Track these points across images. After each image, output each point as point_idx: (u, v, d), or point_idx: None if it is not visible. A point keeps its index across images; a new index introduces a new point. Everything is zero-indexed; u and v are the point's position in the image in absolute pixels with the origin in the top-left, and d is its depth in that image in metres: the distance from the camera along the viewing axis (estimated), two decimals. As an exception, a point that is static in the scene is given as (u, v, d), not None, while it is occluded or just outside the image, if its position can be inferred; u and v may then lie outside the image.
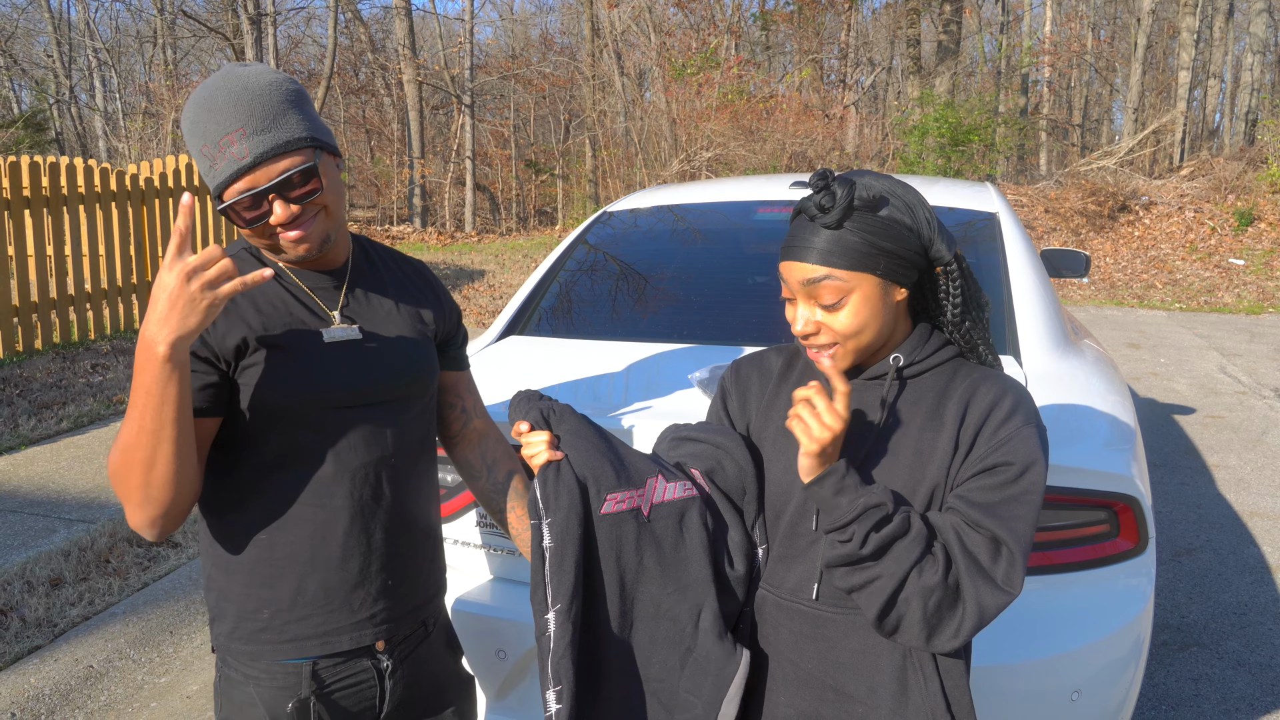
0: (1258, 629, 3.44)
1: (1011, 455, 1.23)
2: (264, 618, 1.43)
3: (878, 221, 1.25)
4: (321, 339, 1.42)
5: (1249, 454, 5.54)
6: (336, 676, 1.48)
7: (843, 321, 1.27)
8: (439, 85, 23.32)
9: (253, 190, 1.31)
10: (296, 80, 1.44)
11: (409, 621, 1.56)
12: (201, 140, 1.32)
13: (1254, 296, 11.46)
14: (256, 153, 1.31)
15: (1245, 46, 22.49)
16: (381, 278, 1.56)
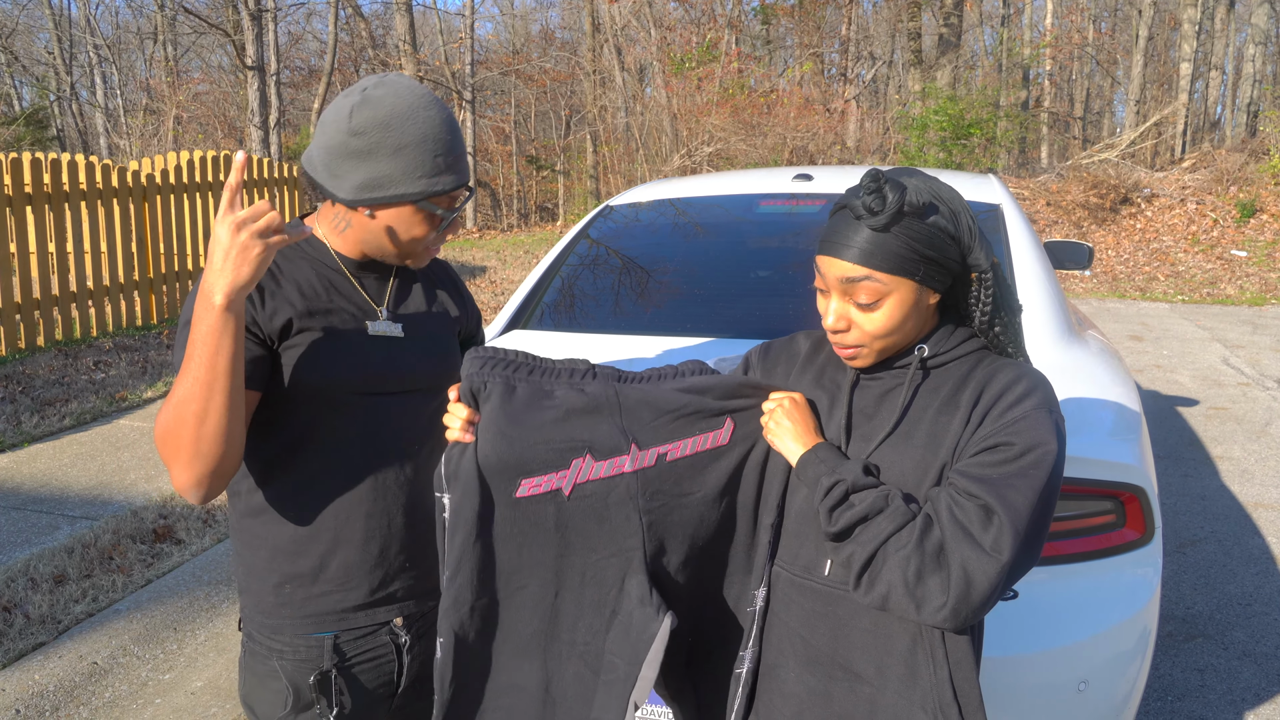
0: (1263, 619, 3.43)
1: (1015, 436, 1.23)
2: (286, 592, 1.50)
3: (923, 228, 1.25)
4: (366, 330, 1.51)
5: (1253, 445, 5.53)
6: (357, 650, 1.54)
7: (876, 322, 1.28)
8: (440, 81, 23.28)
9: (457, 206, 1.52)
10: None
11: (427, 600, 1.62)
12: (441, 148, 1.45)
13: (1256, 288, 11.44)
14: (468, 175, 1.52)
15: (1247, 38, 22.43)
16: (416, 275, 1.65)
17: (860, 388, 1.38)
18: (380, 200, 1.45)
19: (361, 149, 1.43)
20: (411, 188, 1.45)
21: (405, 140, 1.43)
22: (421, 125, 1.44)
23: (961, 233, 1.28)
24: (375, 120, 1.42)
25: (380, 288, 1.58)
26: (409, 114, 1.44)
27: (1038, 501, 1.19)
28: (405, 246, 1.50)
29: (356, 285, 1.54)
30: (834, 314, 1.30)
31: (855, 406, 1.37)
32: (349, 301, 1.52)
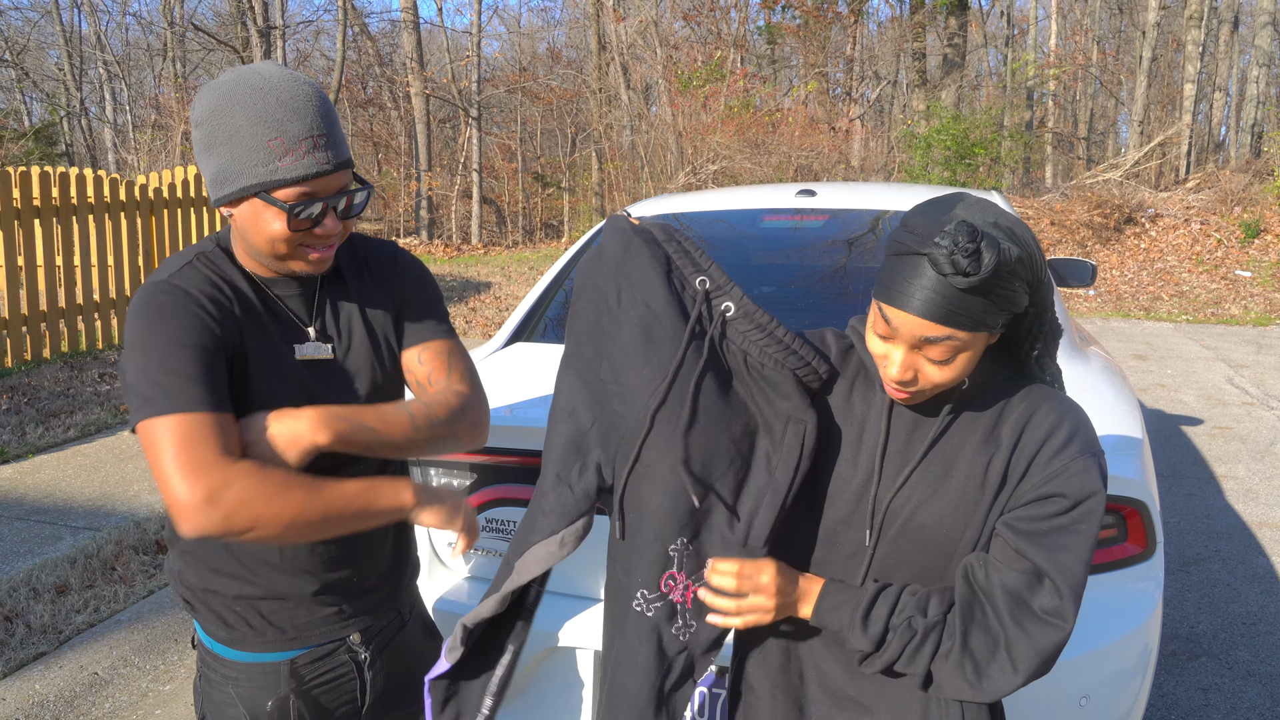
0: (1267, 639, 3.42)
1: (1065, 487, 1.19)
2: (235, 614, 1.44)
3: (1009, 285, 1.15)
4: (293, 353, 1.41)
5: (1257, 464, 5.52)
6: (315, 672, 1.48)
7: (945, 375, 1.19)
8: (446, 98, 23.42)
9: (317, 198, 1.32)
10: None
11: (383, 613, 1.57)
12: (274, 133, 1.28)
13: (1261, 308, 11.42)
14: (335, 161, 1.33)
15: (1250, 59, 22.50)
16: (346, 281, 1.51)
17: (898, 413, 1.30)
18: (227, 196, 1.32)
19: (203, 141, 1.32)
20: (249, 179, 1.30)
21: (237, 125, 1.28)
22: (255, 106, 1.28)
23: (1037, 275, 1.18)
24: (210, 107, 1.30)
25: (305, 297, 1.45)
26: (244, 95, 1.29)
27: (1089, 553, 1.18)
28: (274, 249, 1.35)
29: (281, 304, 1.43)
30: (901, 365, 1.20)
31: (890, 437, 1.29)
32: (276, 322, 1.41)
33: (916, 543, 1.26)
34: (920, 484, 1.26)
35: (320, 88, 1.36)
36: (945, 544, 1.25)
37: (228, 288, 1.37)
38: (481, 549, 2.19)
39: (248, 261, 1.42)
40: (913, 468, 1.26)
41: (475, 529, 1.48)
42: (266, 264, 1.39)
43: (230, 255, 1.42)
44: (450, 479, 2.18)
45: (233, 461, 1.26)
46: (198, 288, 1.33)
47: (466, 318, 10.22)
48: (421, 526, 1.87)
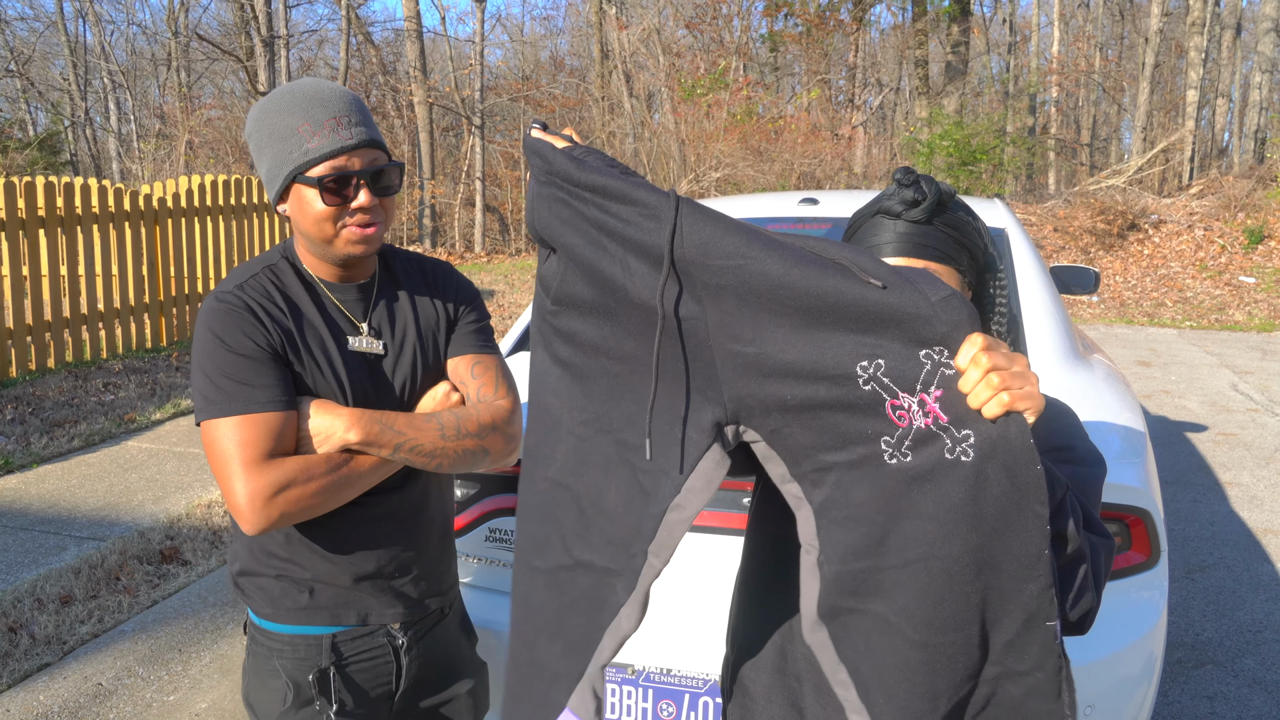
0: (1273, 647, 3.40)
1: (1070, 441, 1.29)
2: (282, 589, 1.55)
3: (957, 218, 1.28)
4: (346, 345, 1.53)
5: (1262, 471, 5.50)
6: (355, 650, 1.57)
7: None
8: (449, 107, 23.47)
9: (347, 171, 1.42)
10: None
11: (423, 605, 1.65)
12: (301, 119, 1.41)
13: (1265, 314, 11.40)
14: (360, 138, 1.43)
15: (1253, 65, 22.50)
16: (401, 287, 1.63)
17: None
18: (277, 194, 1.46)
19: (255, 151, 1.47)
20: (286, 166, 1.43)
21: (277, 124, 1.43)
22: (287, 102, 1.43)
23: (981, 226, 1.31)
24: (254, 118, 1.46)
25: (362, 303, 1.57)
26: (278, 98, 1.44)
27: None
28: (320, 231, 1.46)
29: (336, 303, 1.55)
30: None
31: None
32: (330, 320, 1.53)
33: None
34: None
35: (345, 86, 1.47)
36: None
37: (284, 299, 1.49)
38: (484, 558, 2.19)
39: (311, 263, 1.54)
40: None
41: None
42: (321, 254, 1.50)
43: (294, 264, 1.55)
44: (456, 488, 2.18)
45: (282, 461, 1.40)
46: (256, 299, 1.46)
47: (470, 326, 10.23)
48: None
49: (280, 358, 1.45)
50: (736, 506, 1.95)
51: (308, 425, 1.44)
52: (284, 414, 1.42)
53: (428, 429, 1.51)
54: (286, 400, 1.43)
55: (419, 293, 1.64)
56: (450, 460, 1.53)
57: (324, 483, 1.42)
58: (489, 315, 1.73)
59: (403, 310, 1.61)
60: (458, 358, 1.64)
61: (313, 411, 1.45)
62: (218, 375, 1.42)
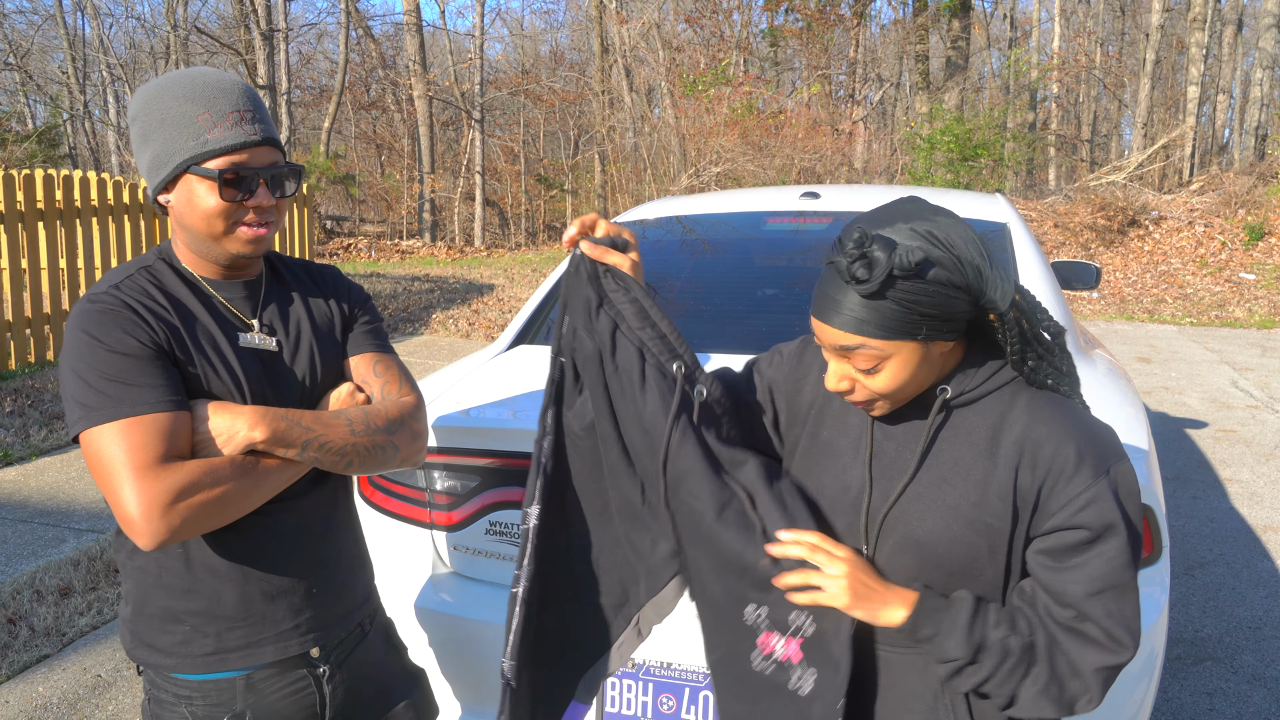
0: (1272, 643, 3.40)
1: (1084, 518, 1.15)
2: (185, 631, 1.42)
3: (920, 288, 1.10)
4: (238, 343, 1.44)
5: (1262, 468, 5.50)
6: (273, 687, 1.47)
7: (880, 383, 1.18)
8: (449, 101, 23.44)
9: (249, 167, 1.36)
10: None
11: (341, 627, 1.56)
12: (201, 108, 1.34)
13: (1265, 311, 11.40)
14: (263, 135, 1.37)
15: (1254, 61, 22.47)
16: (290, 286, 1.56)
17: (879, 427, 1.29)
18: (163, 181, 1.36)
19: (139, 134, 1.37)
20: (180, 155, 1.34)
21: (167, 109, 1.34)
22: (184, 89, 1.35)
23: (968, 281, 1.12)
24: (141, 100, 1.37)
25: (250, 300, 1.49)
26: (172, 83, 1.35)
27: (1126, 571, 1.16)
28: (210, 227, 1.37)
29: (223, 300, 1.46)
30: (834, 375, 1.20)
31: (876, 449, 1.28)
32: (218, 316, 1.43)
33: (916, 558, 1.23)
34: (917, 497, 1.23)
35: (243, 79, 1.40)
36: (949, 562, 1.21)
37: (166, 297, 1.39)
38: (482, 551, 2.18)
39: (190, 260, 1.44)
40: (907, 480, 1.24)
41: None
42: (206, 252, 1.41)
43: (172, 264, 1.45)
44: (454, 482, 2.18)
45: (180, 464, 1.28)
46: (134, 297, 1.36)
47: (469, 320, 10.22)
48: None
49: (166, 356, 1.34)
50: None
51: (206, 427, 1.33)
52: (176, 414, 1.30)
53: (337, 425, 1.43)
54: (178, 400, 1.32)
55: (309, 292, 1.57)
56: (361, 458, 1.45)
57: (230, 487, 1.31)
58: (382, 318, 1.67)
59: (294, 308, 1.53)
60: (358, 356, 1.58)
61: (212, 412, 1.34)
62: (95, 378, 1.29)
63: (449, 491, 2.19)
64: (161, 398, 1.30)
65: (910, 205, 1.16)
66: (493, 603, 2.13)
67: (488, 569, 2.19)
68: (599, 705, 2.02)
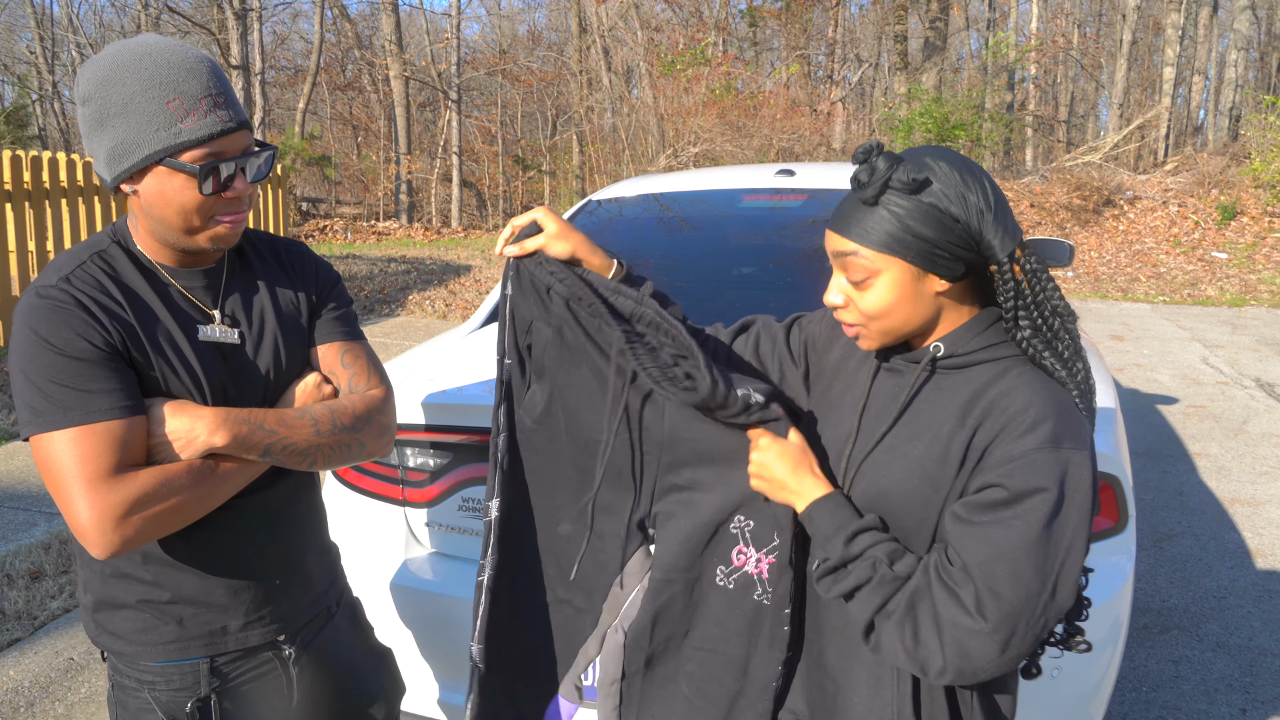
0: (1237, 612, 3.46)
1: (1008, 479, 1.11)
2: (146, 619, 1.39)
3: (915, 204, 1.15)
4: (197, 336, 1.37)
5: (1230, 442, 5.58)
6: (238, 671, 1.45)
7: (867, 302, 1.20)
8: (426, 81, 23.24)
9: (226, 158, 1.29)
10: None
11: (307, 613, 1.54)
12: (171, 94, 1.24)
13: (1236, 289, 11.53)
14: (238, 120, 1.29)
15: (1229, 43, 22.62)
16: (254, 271, 1.48)
17: (880, 380, 1.31)
18: (127, 171, 1.27)
19: (94, 118, 1.27)
20: (150, 146, 1.25)
21: (130, 92, 1.24)
22: (147, 71, 1.24)
23: (969, 215, 1.15)
24: (95, 79, 1.25)
25: (210, 289, 1.41)
26: (132, 63, 1.25)
27: (1026, 555, 1.08)
28: (186, 221, 1.30)
29: (181, 290, 1.38)
30: (834, 288, 1.24)
31: (870, 401, 1.30)
32: (176, 309, 1.36)
33: (878, 506, 1.25)
34: (890, 449, 1.25)
35: (199, 51, 1.33)
36: (904, 514, 1.22)
37: (120, 289, 1.32)
38: (457, 527, 2.18)
39: (151, 247, 1.37)
40: (885, 430, 1.25)
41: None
42: (174, 242, 1.34)
43: (128, 248, 1.37)
44: (426, 459, 2.18)
45: (134, 475, 1.24)
46: (86, 292, 1.28)
47: (446, 301, 10.18)
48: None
49: (121, 357, 1.27)
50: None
51: (163, 430, 1.27)
52: (130, 421, 1.25)
53: (300, 425, 1.38)
54: (132, 405, 1.26)
55: (275, 275, 1.50)
56: (325, 457, 1.41)
57: (186, 495, 1.27)
58: (352, 300, 1.59)
59: (258, 295, 1.45)
60: (325, 345, 1.52)
61: (169, 413, 1.28)
62: (46, 383, 1.22)
63: (422, 468, 2.18)
64: (115, 404, 1.24)
65: (940, 148, 1.20)
66: (467, 579, 2.13)
67: (461, 545, 2.20)
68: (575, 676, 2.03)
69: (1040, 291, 1.18)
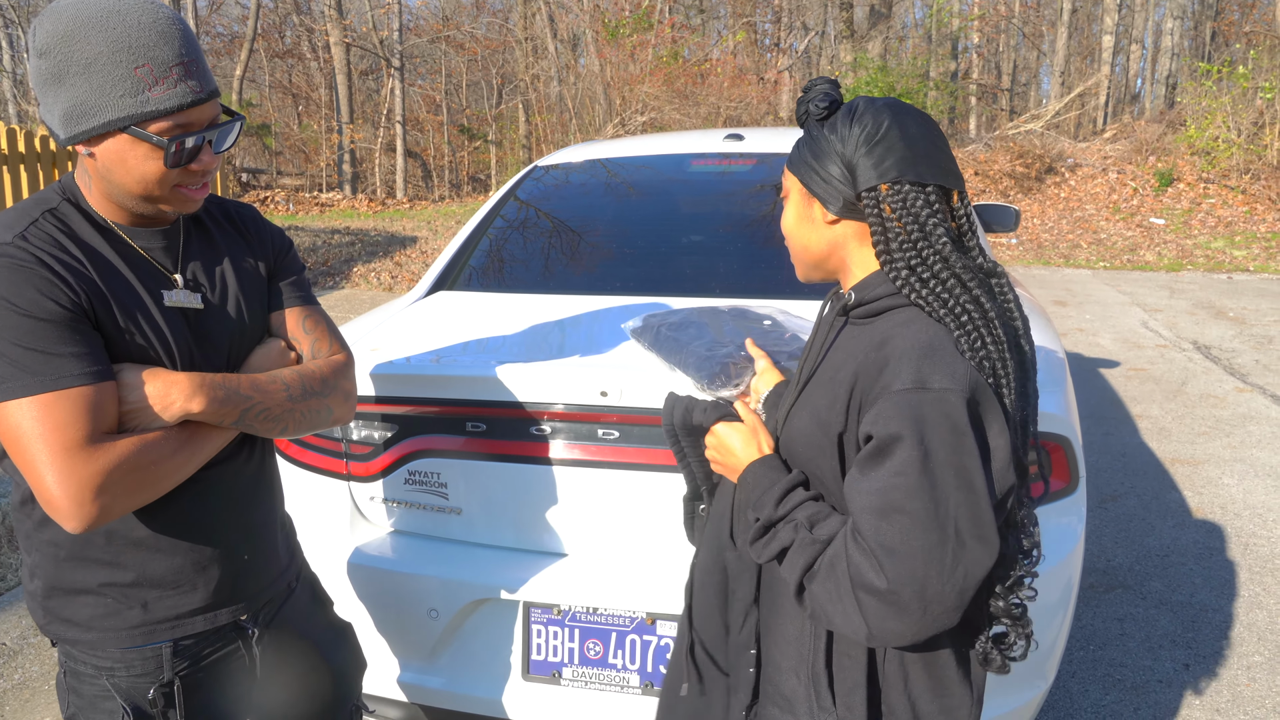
0: (1179, 569, 3.54)
1: (873, 425, 1.09)
2: (107, 604, 1.33)
3: (818, 133, 1.22)
4: (162, 301, 1.31)
5: (1170, 404, 5.70)
6: (201, 652, 1.40)
7: (783, 222, 1.30)
8: (367, 49, 22.72)
9: (194, 130, 1.24)
10: None
11: (271, 589, 1.51)
12: (141, 58, 1.18)
13: (1174, 254, 11.79)
14: (208, 89, 1.24)
15: (1165, 12, 22.98)
16: (210, 233, 1.43)
17: (818, 333, 1.33)
18: (86, 133, 1.19)
19: (51, 72, 1.18)
20: (114, 111, 1.18)
21: (95, 51, 1.17)
22: (115, 30, 1.17)
23: (846, 142, 1.18)
24: (57, 33, 1.17)
25: (170, 251, 1.34)
26: (99, 19, 1.17)
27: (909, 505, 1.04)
28: (147, 190, 1.25)
29: (141, 251, 1.31)
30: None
31: (807, 356, 1.31)
32: (139, 270, 1.29)
33: (790, 454, 1.27)
34: (804, 397, 1.26)
35: (171, 10, 1.26)
36: (804, 460, 1.23)
37: (80, 248, 1.24)
38: (404, 501, 2.13)
39: (106, 208, 1.29)
40: (806, 378, 1.27)
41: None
42: (131, 207, 1.28)
43: (80, 206, 1.29)
44: (371, 430, 2.11)
45: (111, 443, 1.18)
46: (46, 250, 1.20)
47: (392, 273, 10.01)
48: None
49: (88, 318, 1.20)
50: (658, 442, 1.92)
51: (138, 396, 1.22)
52: (101, 386, 1.19)
53: (274, 390, 1.35)
54: (102, 369, 1.20)
55: (231, 239, 1.45)
56: (296, 422, 1.38)
57: (166, 465, 1.22)
58: (304, 265, 1.57)
59: (218, 258, 1.41)
60: (286, 311, 1.49)
61: (141, 379, 1.23)
62: (7, 346, 1.14)
63: (366, 441, 2.12)
64: (85, 368, 1.17)
65: (893, 99, 1.23)
66: (415, 554, 2.08)
67: (408, 519, 2.14)
68: (523, 653, 2.00)
69: (916, 231, 1.15)
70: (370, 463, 2.12)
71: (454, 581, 1.99)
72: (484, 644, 2.04)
